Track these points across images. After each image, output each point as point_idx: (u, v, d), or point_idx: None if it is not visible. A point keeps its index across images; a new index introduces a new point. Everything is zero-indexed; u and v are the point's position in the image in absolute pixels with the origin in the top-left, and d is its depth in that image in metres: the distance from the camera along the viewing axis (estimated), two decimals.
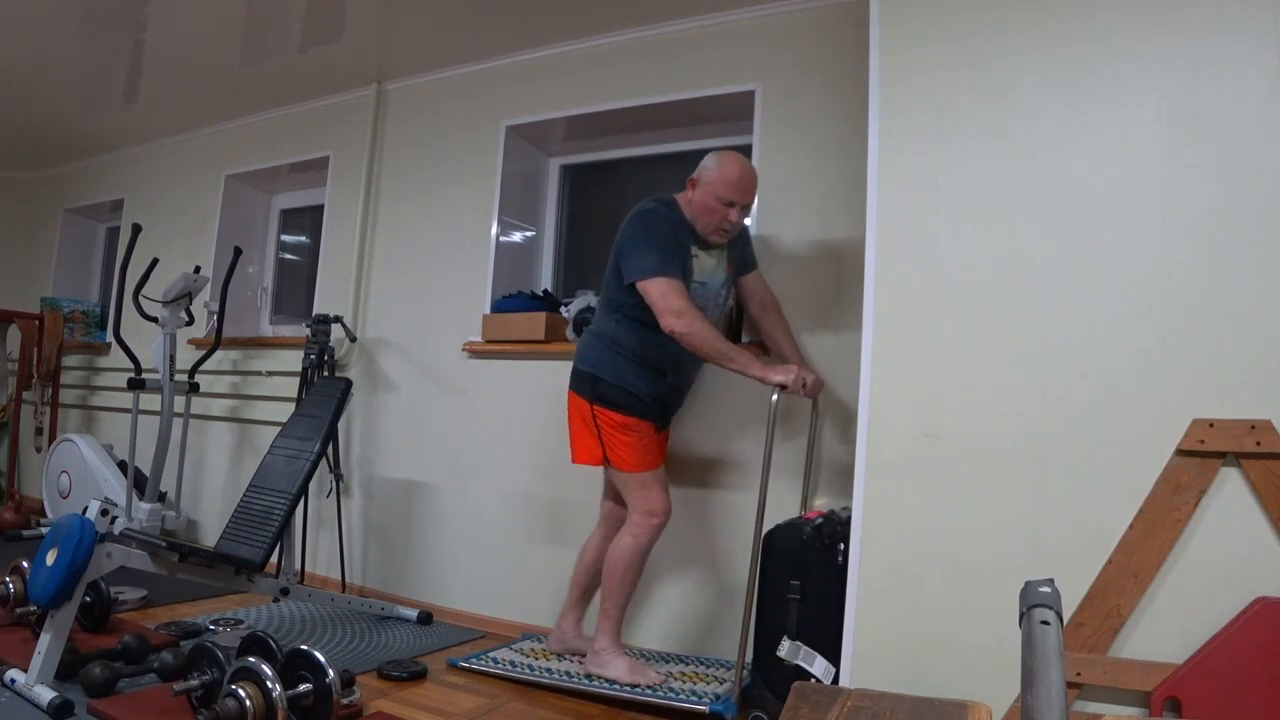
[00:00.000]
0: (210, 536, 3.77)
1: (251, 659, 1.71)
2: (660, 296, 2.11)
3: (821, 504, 2.44)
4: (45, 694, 1.87)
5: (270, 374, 3.68)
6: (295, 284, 4.14)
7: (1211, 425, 1.55)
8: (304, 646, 1.78)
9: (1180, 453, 1.57)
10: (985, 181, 1.80)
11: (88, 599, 2.39)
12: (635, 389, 2.27)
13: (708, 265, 2.31)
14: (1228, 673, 1.48)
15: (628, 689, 2.18)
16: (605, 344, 2.30)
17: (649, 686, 2.18)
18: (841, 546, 2.02)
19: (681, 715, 2.10)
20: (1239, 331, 1.55)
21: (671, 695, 2.13)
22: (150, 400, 3.49)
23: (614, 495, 2.46)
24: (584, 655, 2.42)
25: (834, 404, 2.45)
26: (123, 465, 3.76)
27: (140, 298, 3.29)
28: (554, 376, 2.77)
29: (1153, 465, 1.59)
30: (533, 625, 2.83)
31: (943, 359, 1.80)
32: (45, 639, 1.96)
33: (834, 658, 1.92)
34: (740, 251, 2.43)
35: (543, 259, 3.38)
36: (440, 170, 3.35)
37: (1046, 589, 1.00)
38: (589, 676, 2.26)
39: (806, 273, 2.55)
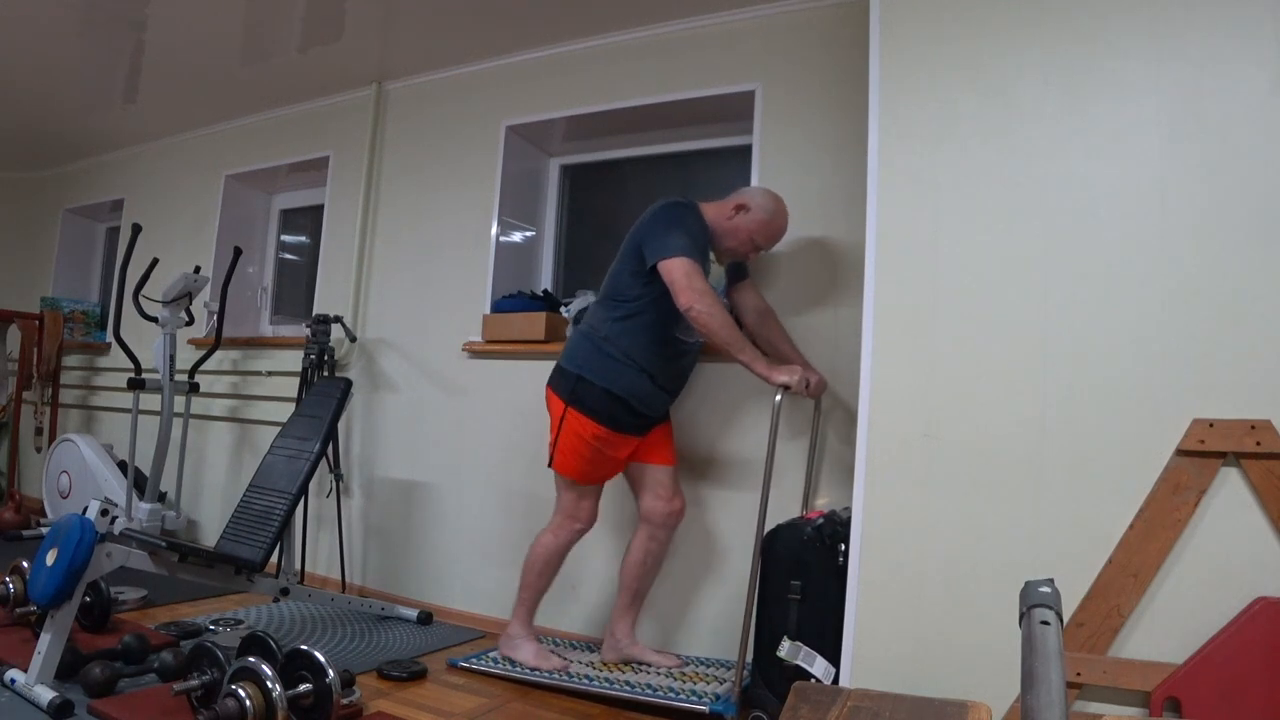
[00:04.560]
0: (210, 536, 3.77)
1: (251, 659, 1.71)
2: (684, 275, 2.14)
3: (823, 504, 2.44)
4: (45, 694, 1.87)
5: (270, 374, 3.68)
6: (295, 284, 4.14)
7: (1211, 425, 1.55)
8: (304, 646, 1.78)
9: (1180, 453, 1.57)
10: (985, 181, 1.80)
11: (88, 599, 2.39)
12: (621, 390, 2.26)
13: (715, 271, 2.35)
14: (1228, 673, 1.48)
15: (547, 674, 2.29)
16: (595, 344, 2.30)
17: (552, 670, 2.32)
18: (842, 546, 2.02)
19: (681, 715, 2.10)
20: (1239, 331, 1.55)
21: (671, 695, 2.13)
22: (150, 400, 3.49)
23: (638, 491, 2.43)
24: (643, 664, 2.41)
25: (835, 404, 2.45)
26: (123, 465, 3.76)
27: (140, 298, 3.29)
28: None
29: (1153, 465, 1.59)
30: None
31: (943, 359, 1.80)
32: (45, 639, 1.96)
33: (834, 658, 1.92)
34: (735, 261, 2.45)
35: (543, 259, 3.38)
36: (440, 170, 3.35)
37: (1046, 589, 1.00)
38: (503, 657, 2.42)
39: (806, 272, 2.55)
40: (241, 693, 1.66)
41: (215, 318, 3.61)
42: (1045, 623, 0.94)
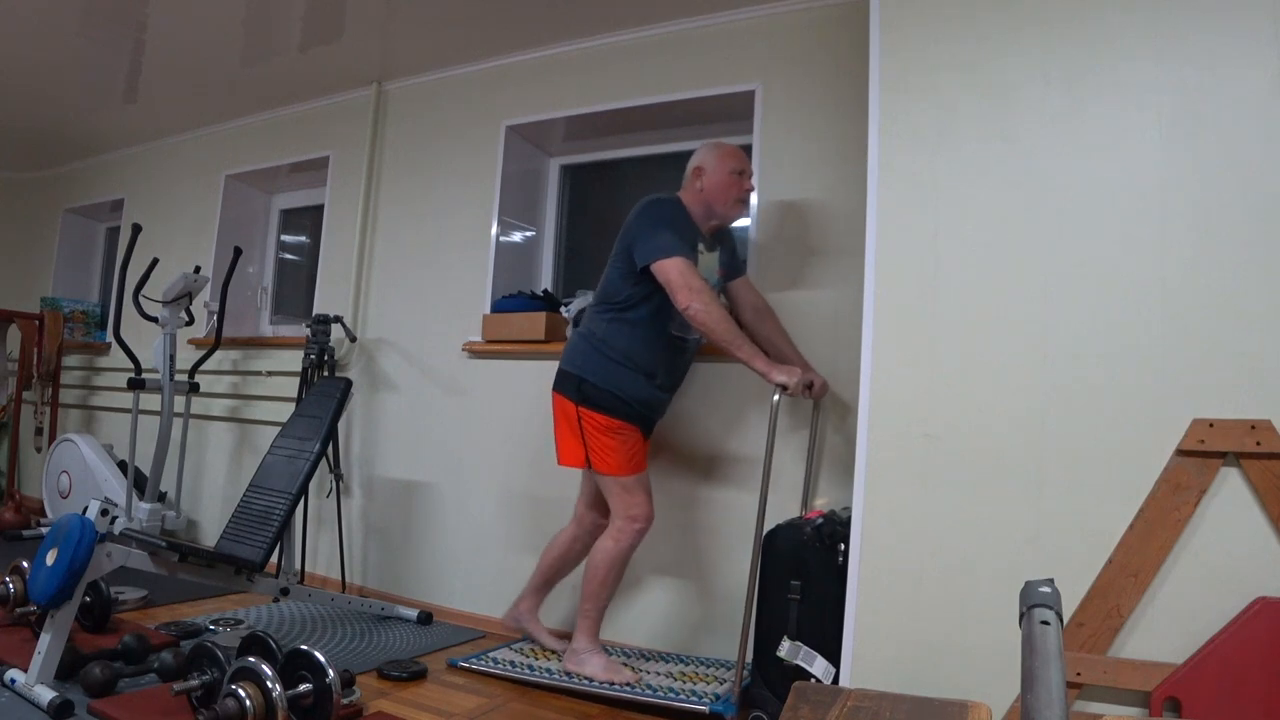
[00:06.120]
0: (210, 536, 3.77)
1: (251, 659, 1.71)
2: (679, 274, 2.14)
3: (822, 504, 2.44)
4: (45, 694, 1.87)
5: (270, 374, 3.68)
6: (295, 284, 4.13)
7: (1211, 425, 1.55)
8: (304, 646, 1.78)
9: (1180, 453, 1.57)
10: (985, 181, 1.80)
11: (88, 599, 2.39)
12: (622, 392, 2.26)
13: (708, 264, 2.33)
14: (1228, 673, 1.48)
15: (618, 688, 2.18)
16: (593, 346, 2.29)
17: (624, 684, 2.20)
18: (841, 546, 2.02)
19: (681, 715, 2.10)
20: (1239, 331, 1.55)
21: (671, 695, 2.13)
22: (150, 400, 3.49)
23: (590, 498, 2.46)
24: (530, 639, 2.58)
25: (835, 404, 2.45)
26: (123, 465, 3.76)
27: (140, 298, 3.29)
28: (554, 376, 2.77)
29: (1153, 465, 1.59)
30: None
31: (943, 359, 1.80)
32: (45, 639, 1.96)
33: (834, 658, 1.92)
34: (729, 255, 2.45)
35: (543, 259, 3.38)
36: (440, 170, 3.35)
37: (1046, 589, 1.00)
38: (567, 674, 2.28)
39: (806, 273, 2.55)
40: (241, 693, 1.66)
41: (215, 318, 3.61)
42: (1045, 623, 0.94)
